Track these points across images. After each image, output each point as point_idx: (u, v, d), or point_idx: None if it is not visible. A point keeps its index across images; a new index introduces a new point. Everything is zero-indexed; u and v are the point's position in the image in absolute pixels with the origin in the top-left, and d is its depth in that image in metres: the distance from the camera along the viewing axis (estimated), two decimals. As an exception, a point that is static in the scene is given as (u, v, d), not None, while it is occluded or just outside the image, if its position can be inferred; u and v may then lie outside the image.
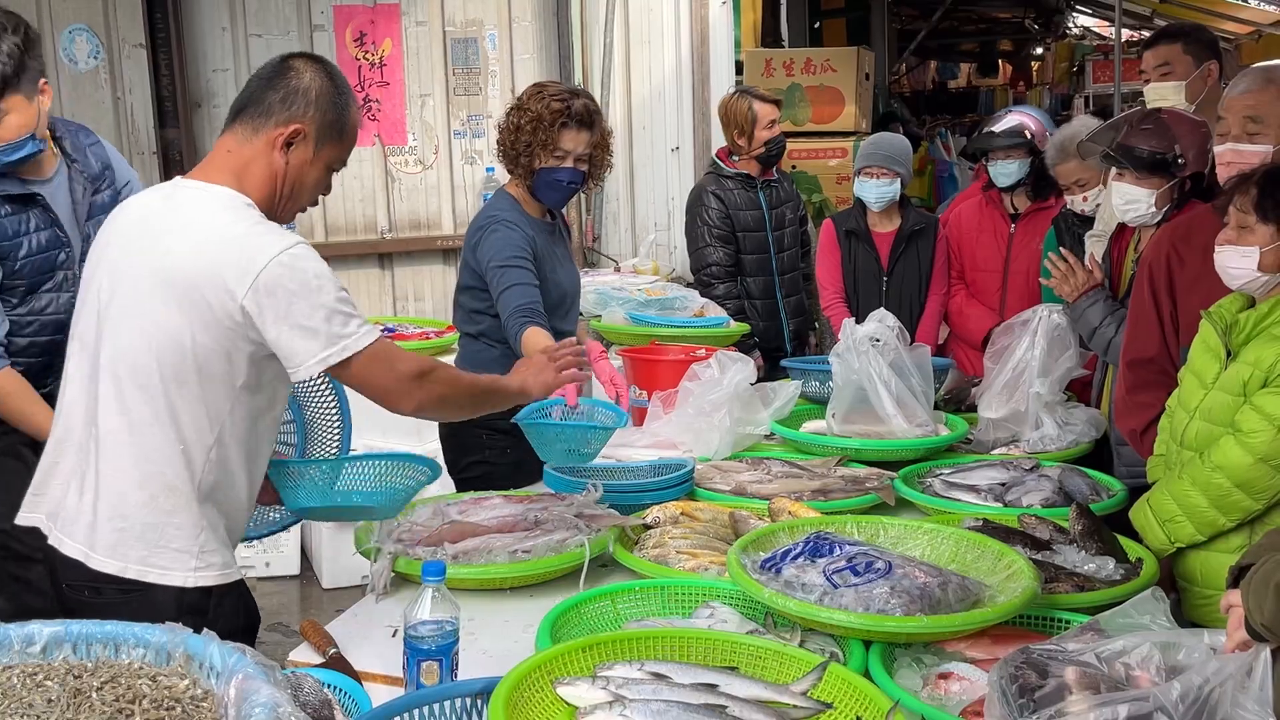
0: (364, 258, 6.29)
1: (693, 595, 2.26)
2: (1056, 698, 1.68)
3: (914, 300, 4.57)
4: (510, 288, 3.21)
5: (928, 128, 9.97)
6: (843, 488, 2.92)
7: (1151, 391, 2.92)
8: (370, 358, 2.15)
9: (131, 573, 2.13)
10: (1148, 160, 3.13)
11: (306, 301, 2.08)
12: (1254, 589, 1.63)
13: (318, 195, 2.33)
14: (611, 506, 2.71)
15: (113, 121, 6.12)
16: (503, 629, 2.29)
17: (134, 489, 2.13)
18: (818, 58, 6.69)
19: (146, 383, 2.12)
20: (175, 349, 2.10)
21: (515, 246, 3.25)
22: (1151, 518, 2.58)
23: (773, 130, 4.75)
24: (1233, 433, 2.44)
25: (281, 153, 2.21)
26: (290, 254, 2.09)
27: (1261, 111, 2.70)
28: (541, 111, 3.29)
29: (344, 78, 2.31)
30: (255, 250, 2.08)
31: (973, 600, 2.09)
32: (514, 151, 3.34)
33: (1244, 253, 2.45)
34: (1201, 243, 2.76)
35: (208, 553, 2.17)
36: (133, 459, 2.14)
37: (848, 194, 6.20)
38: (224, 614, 2.17)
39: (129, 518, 2.13)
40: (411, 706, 1.74)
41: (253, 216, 2.16)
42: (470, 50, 6.39)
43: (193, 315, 2.09)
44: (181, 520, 2.14)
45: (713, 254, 4.73)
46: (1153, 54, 3.69)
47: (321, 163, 2.26)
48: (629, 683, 1.79)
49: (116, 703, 1.29)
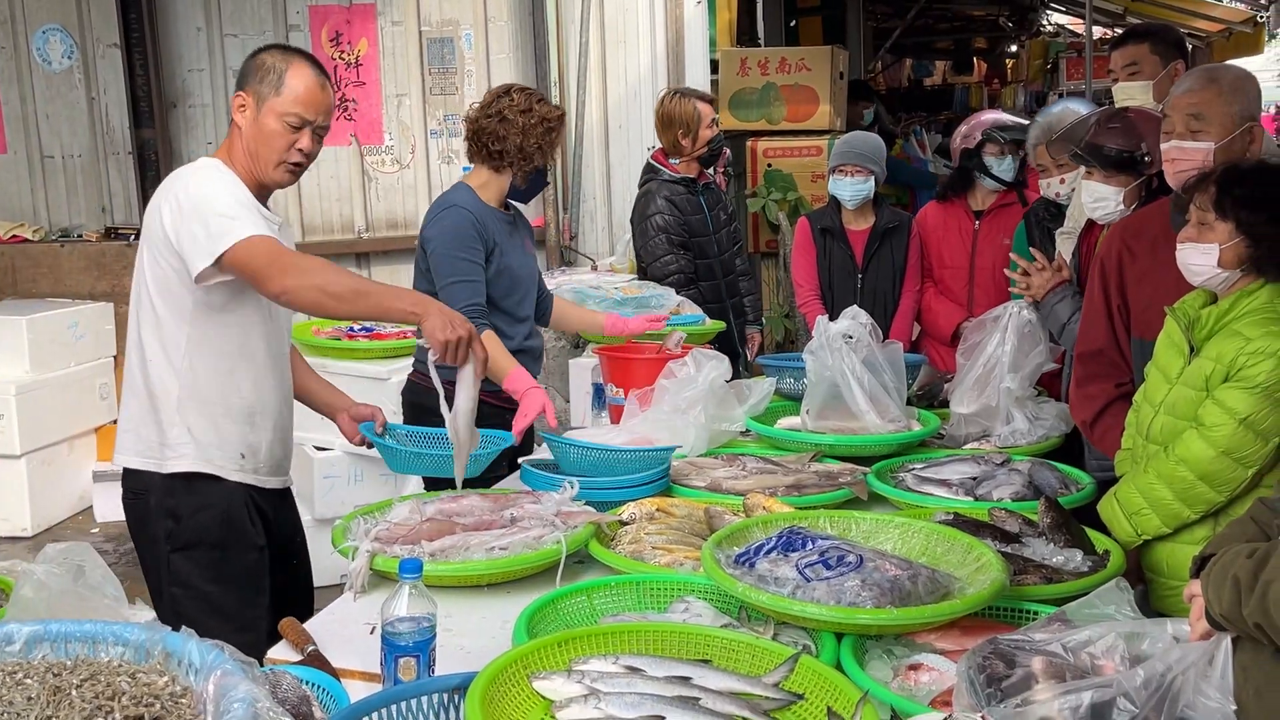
0: (341, 257, 6.30)
1: (668, 590, 2.29)
2: (1023, 687, 1.71)
3: (888, 297, 4.61)
4: (458, 283, 3.33)
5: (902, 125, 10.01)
6: (816, 483, 2.95)
7: (1099, 383, 2.98)
8: (248, 247, 2.46)
9: (128, 463, 2.67)
10: (1115, 159, 3.17)
11: (196, 210, 2.49)
12: (1213, 580, 1.67)
13: (290, 147, 2.64)
14: (588, 503, 2.74)
15: (87, 122, 6.11)
16: (480, 625, 2.31)
17: (130, 395, 2.69)
18: (792, 57, 6.72)
19: (136, 306, 2.66)
20: (145, 276, 2.62)
21: (467, 237, 3.38)
22: (1118, 511, 2.62)
23: (713, 129, 4.78)
24: (1195, 427, 2.49)
25: (239, 119, 2.65)
26: (195, 171, 2.60)
27: (1203, 110, 2.75)
28: (548, 115, 3.49)
29: (301, 52, 2.71)
30: (175, 179, 2.61)
31: (942, 593, 2.13)
32: (519, 151, 3.44)
33: (1204, 250, 2.50)
34: (1151, 237, 2.81)
35: (181, 444, 2.63)
36: (130, 374, 2.68)
37: (823, 192, 6.23)
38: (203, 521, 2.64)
39: (129, 419, 2.68)
40: (389, 702, 1.75)
41: (206, 165, 2.64)
42: (446, 50, 6.41)
43: (150, 243, 2.60)
44: (155, 419, 2.63)
45: (673, 263, 4.67)
46: (1120, 54, 3.75)
47: (269, 116, 2.62)
48: (604, 676, 1.81)
49: (96, 700, 1.30)
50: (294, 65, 2.65)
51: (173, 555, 2.65)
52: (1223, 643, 1.65)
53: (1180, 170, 2.75)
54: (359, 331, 5.04)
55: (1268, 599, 1.54)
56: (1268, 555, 1.59)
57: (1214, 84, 2.78)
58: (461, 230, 3.40)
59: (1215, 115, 2.72)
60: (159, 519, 2.65)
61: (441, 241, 3.40)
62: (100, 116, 6.11)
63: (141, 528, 2.71)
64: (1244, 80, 2.85)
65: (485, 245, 3.42)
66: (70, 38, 6.05)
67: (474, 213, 3.43)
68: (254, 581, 2.73)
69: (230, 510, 2.69)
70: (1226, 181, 2.46)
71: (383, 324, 5.27)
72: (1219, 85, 2.77)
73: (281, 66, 2.64)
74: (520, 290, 3.57)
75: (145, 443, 2.67)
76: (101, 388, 5.89)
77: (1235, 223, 2.45)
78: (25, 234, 6.10)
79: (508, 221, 3.57)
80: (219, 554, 2.67)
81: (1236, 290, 2.51)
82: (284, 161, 2.65)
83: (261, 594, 2.73)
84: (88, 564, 2.80)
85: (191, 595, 2.63)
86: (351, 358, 4.82)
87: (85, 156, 6.14)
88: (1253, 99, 2.81)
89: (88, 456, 5.85)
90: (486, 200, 3.51)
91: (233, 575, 2.68)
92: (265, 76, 2.63)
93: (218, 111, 6.17)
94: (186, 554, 2.65)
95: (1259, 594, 1.56)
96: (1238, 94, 2.77)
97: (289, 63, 2.66)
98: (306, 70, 2.66)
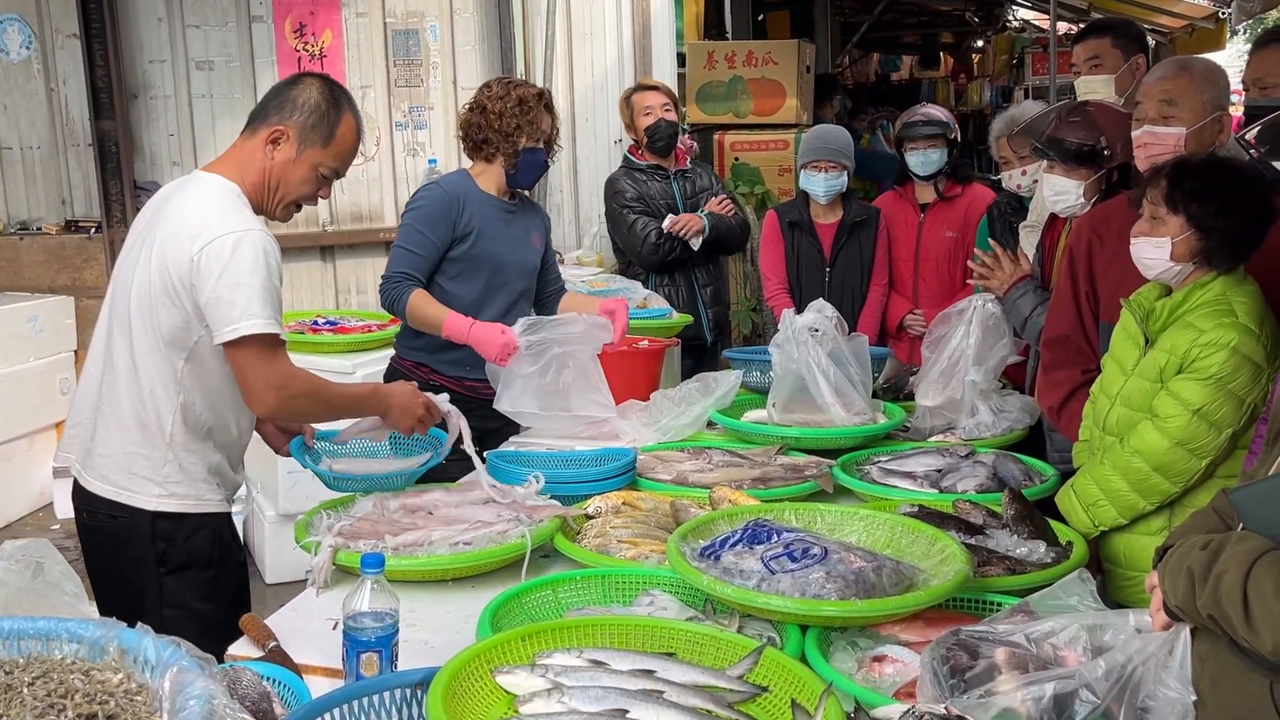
0: (305, 250, 6.25)
1: (633, 583, 2.28)
2: (986, 678, 1.72)
3: (856, 290, 4.63)
4: (400, 249, 3.45)
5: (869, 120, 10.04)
6: (782, 476, 2.96)
7: (1065, 369, 3.01)
8: (258, 348, 2.41)
9: (110, 494, 2.55)
10: (1075, 152, 3.19)
11: (233, 278, 2.38)
12: (1169, 571, 1.68)
13: (311, 196, 2.62)
14: (554, 497, 2.73)
15: (46, 113, 6.02)
16: (444, 620, 2.30)
17: (115, 423, 2.55)
18: (759, 50, 6.73)
19: (127, 334, 2.51)
20: (145, 305, 2.47)
21: (434, 213, 3.45)
22: (1076, 502, 2.64)
23: (651, 116, 4.81)
24: (1150, 418, 2.51)
25: (269, 150, 2.54)
26: (241, 236, 2.41)
27: (1176, 95, 2.78)
28: (524, 95, 3.51)
29: (348, 97, 2.63)
30: (215, 223, 2.42)
31: (907, 584, 2.13)
32: (499, 135, 3.48)
33: (1156, 243, 2.52)
34: (1119, 225, 2.84)
35: (173, 483, 2.54)
36: (115, 399, 2.54)
37: (790, 185, 6.25)
38: (196, 544, 2.58)
39: (111, 446, 2.55)
40: (351, 698, 1.74)
41: (230, 200, 2.49)
42: (411, 42, 6.36)
43: (157, 276, 2.44)
44: (149, 454, 2.53)
45: (649, 226, 4.77)
46: (1083, 47, 3.78)
47: (306, 164, 2.56)
48: (568, 670, 1.80)
49: (48, 698, 1.28)
50: (345, 119, 2.59)
51: (166, 578, 2.58)
52: (1181, 633, 1.66)
53: (1152, 155, 2.78)
54: (323, 325, 5.00)
55: (1220, 590, 1.56)
56: (1221, 546, 1.60)
57: (1187, 71, 2.82)
58: (430, 205, 3.47)
59: (1187, 101, 2.76)
60: (148, 542, 2.56)
61: (409, 213, 3.51)
62: (60, 108, 6.02)
63: (121, 549, 2.60)
64: (1215, 71, 2.90)
65: (455, 226, 3.46)
66: (29, 28, 5.96)
67: (452, 193, 3.49)
68: (241, 595, 2.72)
69: (220, 531, 2.66)
70: (1177, 175, 2.48)
71: (347, 319, 5.24)
72: (1191, 73, 2.81)
73: (334, 117, 2.57)
74: (500, 278, 3.56)
75: (129, 475, 2.55)
76: (62, 383, 5.81)
77: (1186, 216, 2.48)
78: (-17, 227, 6.02)
79: (506, 210, 3.59)
80: (211, 573, 2.63)
81: (1190, 283, 2.53)
82: (295, 203, 2.63)
83: (245, 606, 2.70)
84: (47, 561, 2.76)
85: (185, 615, 2.56)
86: (315, 351, 4.78)
87: (44, 148, 6.06)
88: (1222, 90, 2.86)
89: (47, 452, 5.77)
90: (484, 188, 3.55)
91: (223, 592, 2.65)
92: (316, 122, 2.55)
93: (179, 103, 6.10)
94: (180, 575, 2.59)
95: (1211, 585, 1.57)
96: (1209, 83, 2.81)
97: (341, 114, 2.59)
98: (354, 124, 2.61)
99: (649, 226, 4.75)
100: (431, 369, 3.57)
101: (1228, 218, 2.45)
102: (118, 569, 2.62)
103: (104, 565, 2.65)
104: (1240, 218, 2.46)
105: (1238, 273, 2.53)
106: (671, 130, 4.87)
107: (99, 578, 2.66)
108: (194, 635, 2.27)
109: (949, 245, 4.49)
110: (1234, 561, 1.56)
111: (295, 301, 6.19)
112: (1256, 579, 1.52)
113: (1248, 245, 2.51)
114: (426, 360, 3.59)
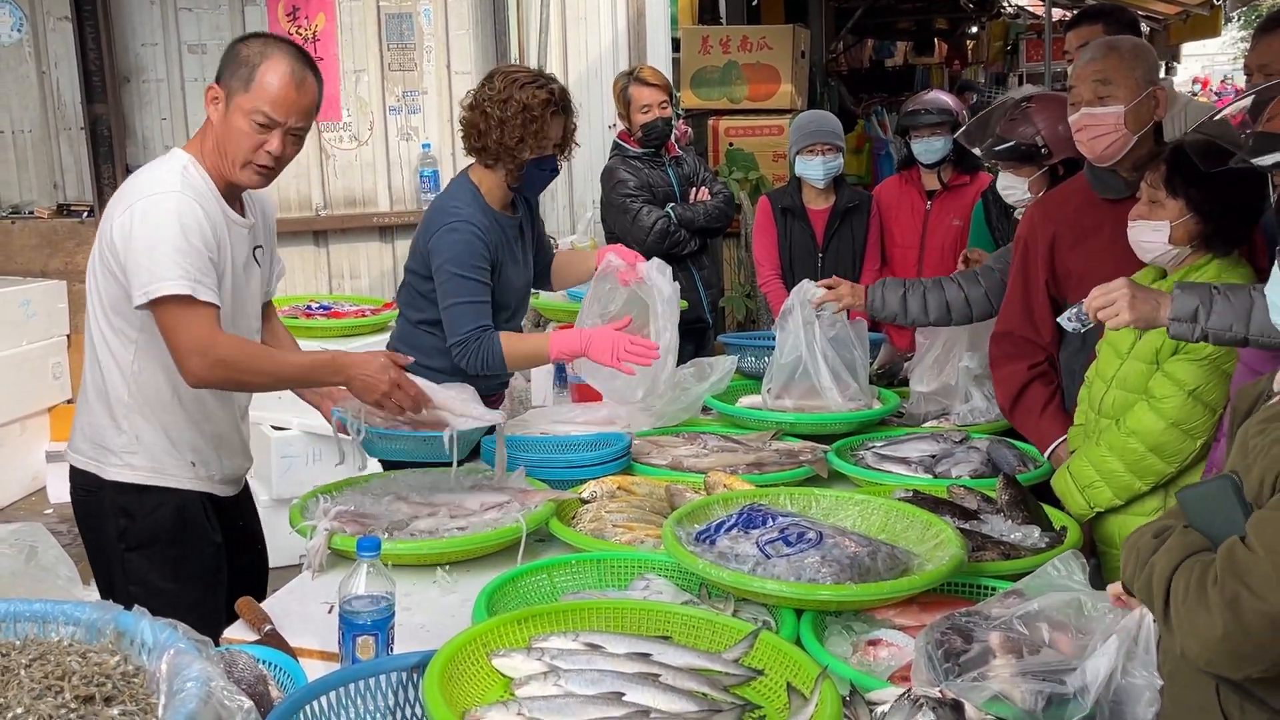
0: (299, 235, 6.23)
1: (629, 568, 2.28)
2: (981, 661, 1.73)
3: (849, 275, 4.59)
4: (461, 304, 3.03)
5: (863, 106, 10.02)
6: (777, 461, 2.96)
7: (1011, 364, 3.04)
8: (175, 311, 2.37)
9: (81, 464, 2.61)
10: (1012, 153, 3.22)
11: (143, 241, 2.38)
12: (1126, 546, 1.71)
13: (258, 149, 2.49)
14: (549, 482, 2.73)
15: (38, 97, 5.99)
16: (440, 604, 2.30)
17: (83, 396, 2.63)
18: (754, 35, 6.71)
19: (90, 310, 2.56)
20: (93, 278, 2.53)
21: (475, 255, 3.05)
22: (1071, 484, 2.66)
23: (649, 114, 4.71)
24: (1146, 399, 2.54)
25: (211, 113, 2.52)
26: (152, 199, 2.41)
27: (1109, 74, 2.76)
28: (529, 101, 3.06)
29: (284, 45, 2.53)
30: (136, 190, 2.46)
31: (901, 569, 2.14)
32: (499, 145, 3.08)
33: (1155, 227, 2.53)
34: (1075, 206, 2.88)
35: (128, 453, 2.56)
36: (86, 372, 2.61)
37: (784, 171, 6.24)
38: (159, 519, 2.58)
39: (82, 418, 2.62)
40: (347, 681, 1.74)
41: (167, 169, 2.49)
42: (405, 26, 6.34)
43: (98, 249, 2.50)
44: (106, 423, 2.57)
45: (652, 214, 4.72)
46: (1075, 35, 3.77)
47: (237, 114, 2.48)
48: (564, 653, 1.81)
49: (45, 680, 1.28)
50: (270, 60, 2.47)
51: (128, 554, 2.57)
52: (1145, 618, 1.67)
53: (1093, 136, 2.77)
54: (316, 310, 4.99)
55: (1151, 580, 1.58)
56: (1166, 537, 1.62)
57: (1115, 51, 2.82)
58: (471, 247, 3.05)
59: (1121, 80, 2.75)
60: (111, 516, 2.57)
61: (449, 264, 3.04)
62: (51, 91, 5.99)
63: (92, 524, 2.63)
64: (1143, 48, 2.91)
65: (491, 262, 3.12)
66: (20, 10, 5.92)
67: (480, 228, 3.07)
68: (212, 576, 2.67)
69: (185, 508, 2.62)
70: (1176, 160, 2.49)
71: (341, 304, 5.24)
72: (1120, 52, 2.81)
73: (256, 60, 2.46)
74: (511, 307, 3.27)
75: (95, 446, 2.59)
76: (54, 367, 5.80)
77: (1185, 200, 2.49)
78: (-25, 211, 6.00)
79: (512, 226, 3.22)
80: (175, 551, 2.59)
81: (1185, 266, 2.55)
82: (250, 163, 2.49)
83: (220, 587, 2.67)
84: (41, 545, 2.77)
85: (150, 593, 2.52)
86: (309, 336, 4.77)
87: (36, 132, 6.03)
88: (1152, 65, 2.85)
89: (40, 437, 5.77)
90: (491, 202, 3.16)
91: (190, 572, 2.61)
92: (238, 70, 2.47)
93: (171, 87, 6.07)
94: (142, 552, 2.57)
95: (1146, 574, 1.60)
96: (1139, 59, 2.80)
97: (265, 57, 2.47)
98: (282, 66, 2.47)
99: (655, 214, 4.72)
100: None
101: (1227, 203, 2.46)
102: (90, 544, 2.66)
103: (84, 540, 2.69)
104: (1239, 202, 2.48)
105: (1232, 256, 2.55)
106: (668, 130, 4.85)
107: (87, 554, 2.69)
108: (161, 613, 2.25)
109: (955, 234, 4.46)
110: (1165, 556, 1.58)
111: (289, 286, 6.16)
112: (1177, 578, 1.54)
113: (1245, 229, 2.53)
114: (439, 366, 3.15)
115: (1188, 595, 1.50)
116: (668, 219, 4.73)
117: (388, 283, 6.41)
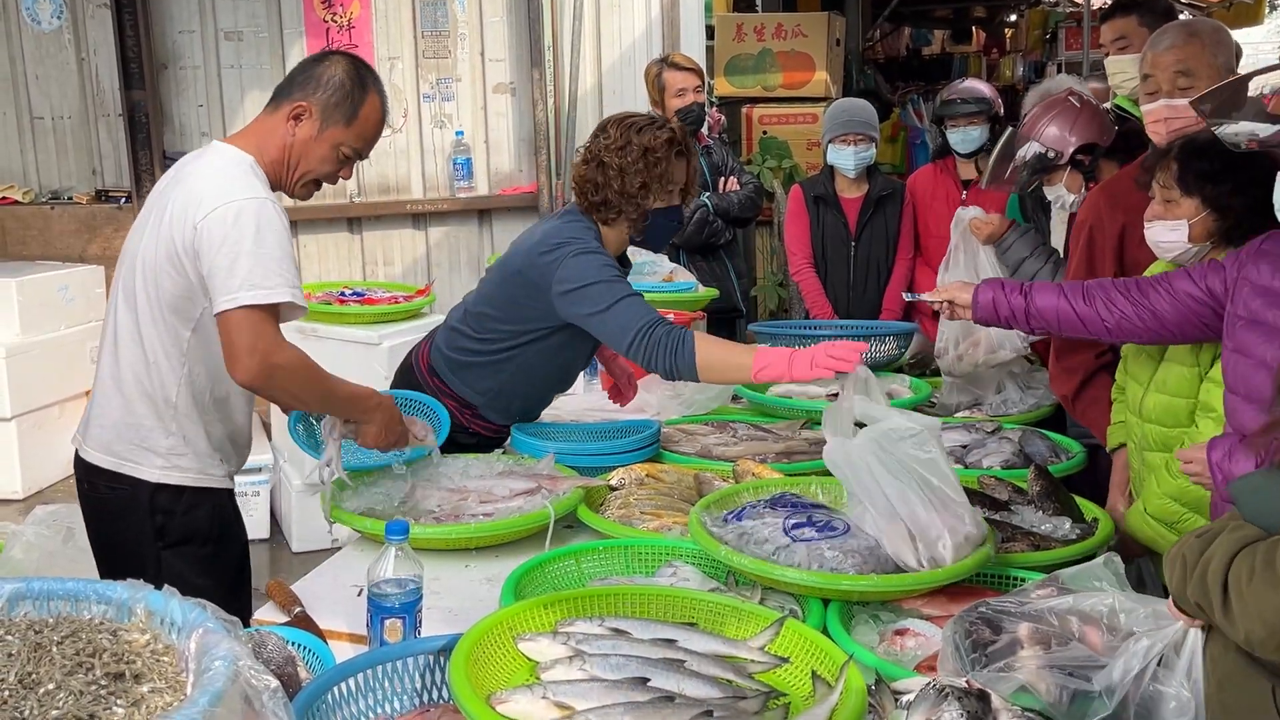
0: (333, 222, 6.26)
1: (656, 555, 2.29)
2: (1008, 652, 1.72)
3: (881, 265, 4.60)
4: (623, 299, 2.71)
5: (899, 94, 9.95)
6: (807, 450, 2.95)
7: (1078, 354, 2.97)
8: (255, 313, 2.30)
9: (110, 464, 2.52)
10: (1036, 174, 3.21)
11: (234, 248, 2.31)
12: (1169, 560, 1.66)
13: (332, 175, 2.56)
14: (578, 469, 2.74)
15: (77, 83, 6.05)
16: (468, 589, 2.31)
17: (116, 394, 2.52)
18: (789, 22, 6.67)
19: (132, 304, 2.48)
20: (150, 274, 2.44)
21: (608, 263, 2.81)
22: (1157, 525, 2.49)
23: (684, 99, 4.71)
24: (1206, 415, 2.42)
25: (291, 125, 2.49)
26: (244, 204, 2.34)
27: (1190, 65, 2.70)
28: (650, 144, 2.83)
29: (374, 77, 2.57)
30: (220, 191, 2.37)
31: (929, 559, 2.12)
32: (620, 195, 2.83)
33: (1173, 226, 2.49)
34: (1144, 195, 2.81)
35: (177, 455, 2.51)
36: (117, 369, 2.52)
37: (818, 159, 6.20)
38: (196, 519, 2.54)
39: (112, 416, 2.53)
40: (375, 663, 1.76)
41: (240, 170, 2.43)
42: (439, 13, 6.34)
43: (163, 244, 2.41)
44: (152, 425, 2.50)
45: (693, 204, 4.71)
46: (1109, 27, 3.70)
47: (327, 142, 2.50)
48: (589, 638, 1.81)
49: (76, 656, 1.29)
50: (370, 99, 2.53)
51: (164, 552, 2.53)
52: (1191, 632, 1.65)
53: (1175, 128, 2.69)
54: (350, 296, 5.02)
55: (1206, 577, 1.55)
56: (1215, 535, 1.59)
57: (1196, 38, 2.75)
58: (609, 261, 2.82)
59: (1202, 69, 2.69)
60: (148, 515, 2.52)
61: (586, 272, 2.75)
62: (90, 77, 6.05)
63: (121, 523, 2.56)
64: (1222, 32, 2.84)
65: None
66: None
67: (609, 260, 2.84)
68: (240, 573, 2.70)
69: (221, 507, 2.63)
70: (1186, 156, 2.45)
71: (375, 290, 5.26)
72: (1201, 39, 2.74)
73: (359, 97, 2.50)
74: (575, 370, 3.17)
75: (134, 446, 2.51)
76: (91, 351, 5.85)
77: (1201, 197, 2.44)
78: (15, 196, 6.05)
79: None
80: (210, 549, 2.59)
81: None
82: (315, 181, 2.56)
83: (247, 583, 2.71)
84: (77, 526, 2.80)
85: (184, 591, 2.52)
86: (342, 322, 4.80)
87: (75, 118, 6.09)
88: (1232, 51, 2.79)
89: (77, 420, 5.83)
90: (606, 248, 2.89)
91: (223, 569, 2.62)
92: (340, 101, 2.49)
93: (209, 73, 6.11)
94: (178, 550, 2.54)
95: (1199, 572, 1.57)
96: (1220, 46, 2.74)
97: (366, 94, 2.52)
98: (378, 105, 2.55)
99: (693, 204, 4.71)
100: (477, 410, 3.04)
101: (1243, 195, 2.41)
102: (117, 542, 2.57)
103: (104, 537, 2.61)
104: (1254, 193, 2.42)
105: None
106: (701, 114, 4.84)
107: (99, 550, 2.63)
108: None
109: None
110: (1220, 549, 1.56)
111: (322, 273, 6.21)
112: (1237, 563, 1.52)
113: (1263, 219, 2.47)
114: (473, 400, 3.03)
115: (1253, 577, 1.48)
116: (705, 209, 4.73)
117: (420, 269, 6.43)
